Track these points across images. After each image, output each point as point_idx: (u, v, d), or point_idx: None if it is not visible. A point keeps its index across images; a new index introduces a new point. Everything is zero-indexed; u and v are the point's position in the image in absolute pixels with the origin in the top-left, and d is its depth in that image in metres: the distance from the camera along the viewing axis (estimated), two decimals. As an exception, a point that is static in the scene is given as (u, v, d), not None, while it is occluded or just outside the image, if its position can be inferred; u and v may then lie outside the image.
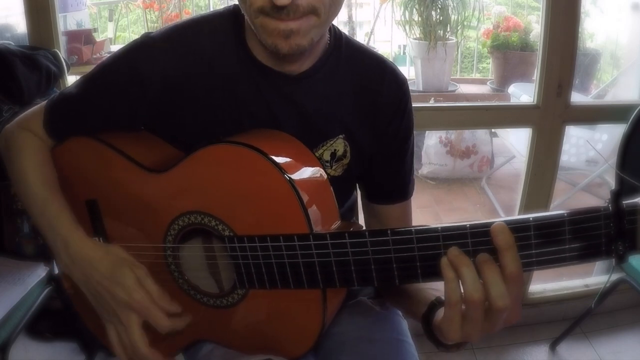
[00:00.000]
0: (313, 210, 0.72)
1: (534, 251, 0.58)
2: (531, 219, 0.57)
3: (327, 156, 0.87)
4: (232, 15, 0.83)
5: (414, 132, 0.93)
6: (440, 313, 0.67)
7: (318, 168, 0.80)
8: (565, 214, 0.56)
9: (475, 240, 0.60)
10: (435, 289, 0.76)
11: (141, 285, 0.76)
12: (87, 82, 0.85)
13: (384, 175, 0.92)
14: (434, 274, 0.62)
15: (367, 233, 0.65)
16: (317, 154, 0.86)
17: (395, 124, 0.88)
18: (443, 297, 0.69)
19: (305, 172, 0.77)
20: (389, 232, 0.63)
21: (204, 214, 0.76)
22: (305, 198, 0.71)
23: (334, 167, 0.88)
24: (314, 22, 0.71)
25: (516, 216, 0.59)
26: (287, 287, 0.72)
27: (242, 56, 0.82)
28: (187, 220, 0.78)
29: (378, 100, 0.87)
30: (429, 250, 0.62)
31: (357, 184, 0.98)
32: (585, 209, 0.56)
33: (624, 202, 0.54)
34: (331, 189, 0.79)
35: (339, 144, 0.87)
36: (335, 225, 0.78)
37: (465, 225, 0.60)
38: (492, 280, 0.58)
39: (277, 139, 0.81)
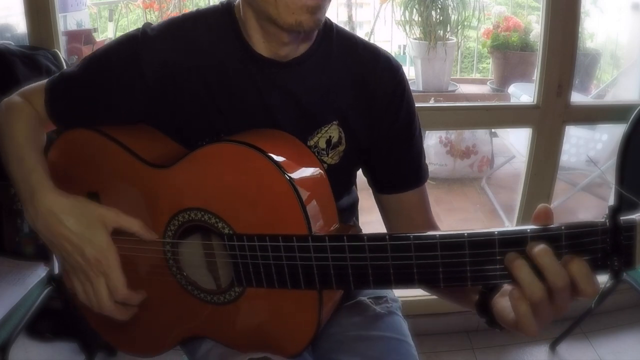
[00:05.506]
0: (312, 211, 0.72)
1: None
2: (529, 230, 0.57)
3: (322, 144, 0.87)
4: (226, 10, 0.85)
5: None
6: (500, 302, 0.65)
7: (317, 168, 0.80)
8: (563, 228, 0.56)
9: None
10: None
11: (111, 247, 0.76)
12: (88, 65, 0.86)
13: (393, 162, 0.91)
14: (431, 280, 0.63)
15: (365, 237, 0.65)
16: (312, 142, 0.86)
17: (392, 111, 0.88)
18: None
19: (305, 172, 0.77)
20: (387, 237, 0.64)
21: (204, 211, 0.77)
22: (304, 198, 0.71)
23: (330, 155, 0.88)
24: None
25: (513, 228, 0.59)
26: (284, 287, 0.72)
27: (237, 47, 0.83)
28: (187, 216, 0.78)
29: (372, 88, 0.87)
30: (426, 260, 0.62)
31: (358, 179, 0.97)
32: (583, 223, 0.56)
33: (621, 217, 0.54)
34: (330, 190, 0.79)
35: (334, 130, 0.87)
36: (334, 227, 0.78)
37: (463, 233, 0.59)
38: (579, 273, 0.55)
39: (278, 138, 0.82)
